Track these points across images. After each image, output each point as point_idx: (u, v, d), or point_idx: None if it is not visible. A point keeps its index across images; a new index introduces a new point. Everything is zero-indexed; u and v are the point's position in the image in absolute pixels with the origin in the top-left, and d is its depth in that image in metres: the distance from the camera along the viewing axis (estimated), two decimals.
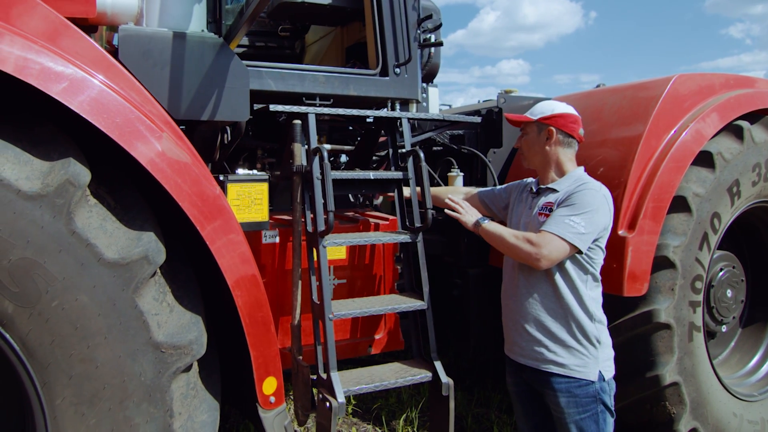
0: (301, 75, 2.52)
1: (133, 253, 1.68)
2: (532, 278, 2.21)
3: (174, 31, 2.01)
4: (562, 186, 2.22)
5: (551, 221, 2.12)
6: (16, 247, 1.53)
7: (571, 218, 2.08)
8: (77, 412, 1.65)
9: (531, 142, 2.31)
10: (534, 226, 2.22)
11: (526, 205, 2.36)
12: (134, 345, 1.69)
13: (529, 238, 2.12)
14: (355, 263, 2.78)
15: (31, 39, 1.53)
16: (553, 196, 2.22)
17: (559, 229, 2.08)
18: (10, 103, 1.68)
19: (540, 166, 2.32)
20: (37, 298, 1.57)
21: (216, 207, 1.79)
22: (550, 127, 2.25)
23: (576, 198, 2.13)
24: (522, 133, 2.38)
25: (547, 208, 2.22)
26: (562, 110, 2.28)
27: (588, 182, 2.21)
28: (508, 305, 2.31)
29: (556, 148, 2.27)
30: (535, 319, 2.19)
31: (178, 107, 2.00)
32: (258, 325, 1.88)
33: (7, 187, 1.51)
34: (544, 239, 2.09)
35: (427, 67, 3.17)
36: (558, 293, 2.16)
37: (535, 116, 2.29)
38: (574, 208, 2.11)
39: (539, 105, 2.35)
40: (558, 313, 2.17)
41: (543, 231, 2.11)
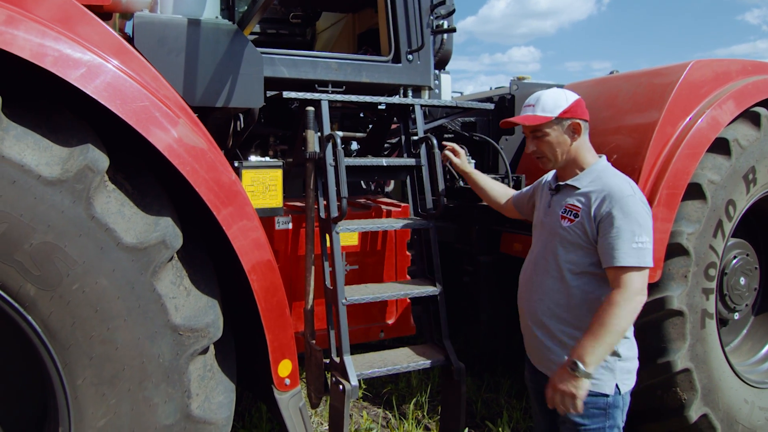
0: (314, 62, 2.52)
1: (150, 238, 1.70)
2: (547, 284, 2.02)
3: (189, 18, 2.02)
4: (583, 182, 1.99)
5: (619, 251, 1.81)
6: (37, 231, 1.56)
7: (637, 240, 1.82)
8: (98, 392, 1.69)
9: (555, 142, 2.01)
10: (554, 228, 2.00)
11: (545, 201, 2.14)
12: (153, 327, 1.73)
13: (613, 300, 1.80)
14: (368, 249, 2.80)
15: (48, 26, 1.54)
16: (576, 196, 1.98)
17: (634, 259, 1.81)
18: (25, 90, 1.70)
19: (565, 163, 2.05)
20: (59, 281, 1.60)
21: (232, 192, 1.81)
22: (575, 120, 1.99)
23: (625, 210, 1.85)
24: (532, 135, 2.06)
25: (571, 212, 1.96)
26: (573, 97, 2.04)
27: (619, 184, 1.92)
28: (522, 309, 2.15)
29: (581, 142, 2.03)
30: (547, 328, 2.01)
31: (193, 94, 2.02)
32: (273, 309, 1.91)
33: (28, 172, 1.54)
34: (628, 281, 1.80)
35: (439, 54, 3.15)
36: (574, 302, 1.95)
37: (552, 113, 1.99)
38: (631, 222, 1.83)
39: (545, 99, 2.03)
40: (573, 322, 1.95)
41: (618, 268, 1.81)
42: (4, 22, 1.49)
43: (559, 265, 1.97)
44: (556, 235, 2.00)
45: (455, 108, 3.06)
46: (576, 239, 1.94)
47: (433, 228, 2.70)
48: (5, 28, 1.48)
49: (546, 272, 2.02)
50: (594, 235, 1.90)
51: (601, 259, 1.88)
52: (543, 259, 2.04)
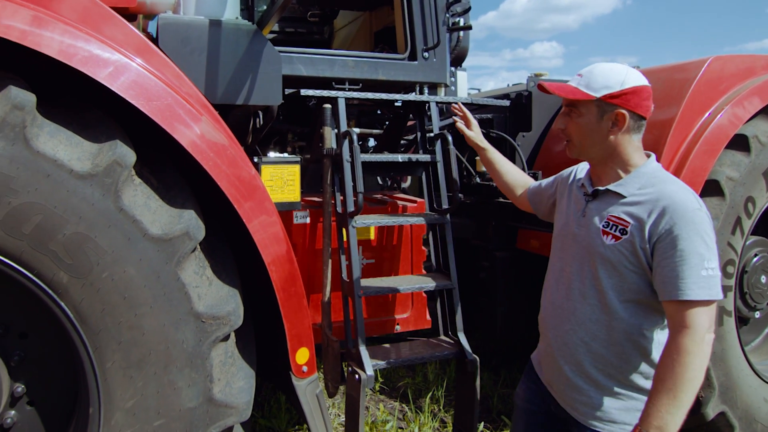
0: (331, 60, 2.61)
1: (175, 229, 1.80)
2: (583, 313, 1.69)
3: (210, 19, 2.12)
4: (631, 188, 1.64)
5: (686, 281, 1.48)
6: (70, 222, 1.67)
7: (707, 266, 1.50)
8: (126, 375, 1.80)
9: (587, 127, 1.66)
10: (592, 245, 1.66)
11: (576, 206, 1.78)
12: (177, 314, 1.83)
13: (683, 346, 1.47)
14: (384, 244, 2.88)
15: (76, 26, 1.65)
16: (622, 206, 1.63)
17: (705, 290, 1.48)
18: (55, 89, 1.82)
19: (599, 159, 1.70)
20: (89, 269, 1.71)
21: (252, 187, 1.91)
22: (620, 109, 1.61)
23: (692, 228, 1.51)
24: (567, 110, 1.71)
25: (617, 227, 1.62)
26: (635, 82, 1.62)
27: (681, 193, 1.57)
28: (548, 338, 1.81)
29: (624, 137, 1.64)
30: (581, 365, 1.70)
31: (214, 92, 2.12)
32: (291, 299, 2.00)
33: (61, 167, 1.65)
34: (696, 319, 1.48)
35: (455, 51, 3.22)
36: (616, 336, 1.64)
37: (596, 92, 1.62)
38: (698, 244, 1.50)
39: (597, 72, 1.65)
40: (613, 361, 1.65)
41: (683, 302, 1.49)
42: (34, 23, 1.60)
43: (600, 291, 1.64)
44: (595, 254, 1.65)
45: (471, 105, 3.12)
46: (622, 261, 1.59)
47: (448, 223, 2.77)
48: (35, 28, 1.59)
49: (582, 298, 1.68)
50: (648, 257, 1.56)
51: (659, 288, 1.54)
52: (579, 282, 1.69)
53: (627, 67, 1.66)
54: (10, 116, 1.59)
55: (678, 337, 1.49)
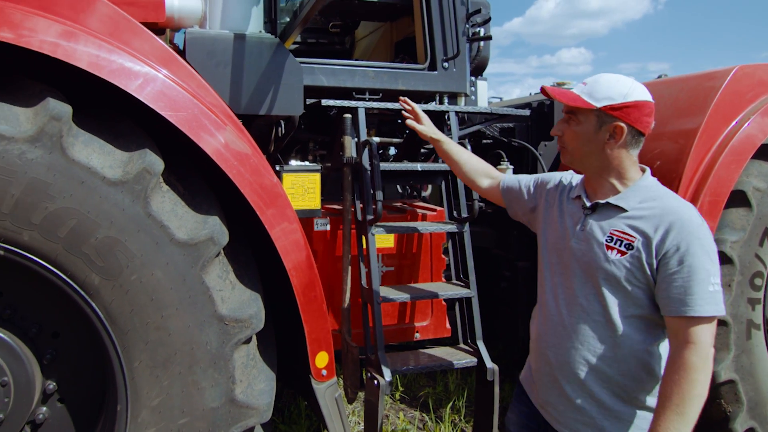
0: (352, 70, 2.70)
1: (200, 235, 1.90)
2: (586, 330, 1.65)
3: (235, 33, 2.24)
4: (631, 202, 1.63)
5: (694, 297, 1.49)
6: (102, 227, 1.79)
7: (711, 281, 1.50)
8: (152, 374, 1.90)
9: (584, 136, 1.65)
10: (595, 260, 1.63)
11: (572, 220, 1.74)
12: (201, 317, 1.92)
13: (689, 362, 1.47)
14: (403, 252, 2.95)
15: (108, 40, 1.78)
16: (625, 220, 1.61)
17: (712, 306, 1.49)
18: (86, 100, 1.94)
19: (594, 171, 1.69)
20: (119, 272, 1.82)
21: (274, 195, 2.00)
22: (618, 122, 1.60)
23: (699, 244, 1.51)
24: (566, 117, 1.71)
25: (621, 241, 1.60)
26: (638, 96, 1.61)
27: (685, 209, 1.58)
28: (546, 358, 1.75)
29: (621, 151, 1.63)
30: (583, 384, 1.66)
31: (238, 102, 2.24)
32: (311, 304, 2.08)
33: (94, 174, 1.77)
34: (702, 335, 1.49)
35: (476, 61, 3.29)
36: (621, 353, 1.61)
37: (598, 102, 1.61)
38: (704, 260, 1.50)
39: (602, 82, 1.64)
40: (618, 380, 1.63)
41: (690, 318, 1.49)
42: (65, 36, 1.73)
43: (605, 307, 1.61)
44: (598, 269, 1.62)
45: (491, 114, 3.18)
46: (628, 276, 1.58)
47: (468, 232, 2.82)
48: (66, 42, 1.72)
49: (585, 315, 1.65)
50: (653, 273, 1.55)
51: (664, 303, 1.54)
52: (582, 298, 1.66)
53: (633, 81, 1.66)
54: (48, 126, 1.72)
55: (684, 353, 1.49)
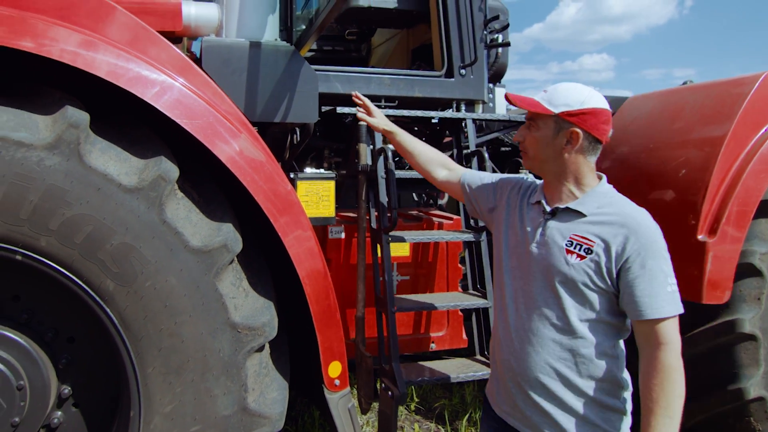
0: (367, 78, 2.72)
1: (214, 242, 1.93)
2: (546, 334, 1.70)
3: (251, 41, 2.28)
4: (590, 207, 1.68)
5: (657, 299, 1.56)
6: (117, 233, 1.82)
7: (669, 282, 1.59)
8: (165, 381, 1.91)
9: (542, 141, 1.72)
10: (554, 264, 1.68)
11: (532, 224, 1.79)
12: (214, 324, 1.94)
13: (667, 363, 1.54)
14: (419, 261, 2.95)
15: (125, 49, 1.82)
16: (584, 225, 1.67)
17: (673, 306, 1.58)
18: (102, 106, 1.98)
19: (553, 176, 1.75)
20: (134, 278, 1.85)
21: (288, 202, 2.02)
22: (575, 128, 1.67)
23: (655, 247, 1.61)
24: (528, 123, 1.78)
25: (581, 245, 1.65)
26: (595, 104, 1.68)
27: (640, 213, 1.66)
28: (508, 364, 1.79)
29: (578, 157, 1.70)
30: (547, 388, 1.70)
31: (253, 110, 2.27)
32: (324, 312, 2.08)
33: (111, 181, 1.81)
34: (671, 334, 1.57)
35: (494, 68, 3.29)
36: (581, 357, 1.66)
37: (555, 108, 1.69)
38: (661, 262, 1.60)
39: (561, 89, 1.73)
40: (579, 382, 1.67)
41: (656, 320, 1.56)
42: (84, 45, 1.77)
43: (563, 311, 1.67)
44: (557, 273, 1.67)
45: (509, 122, 3.17)
46: (586, 280, 1.64)
47: (485, 241, 2.81)
48: (85, 51, 1.76)
49: (544, 319, 1.70)
50: (612, 279, 1.62)
51: (630, 309, 1.60)
52: (541, 303, 1.71)
53: (592, 90, 1.73)
54: (66, 134, 1.76)
55: (659, 354, 1.55)
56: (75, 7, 1.80)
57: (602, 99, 1.71)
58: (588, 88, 1.73)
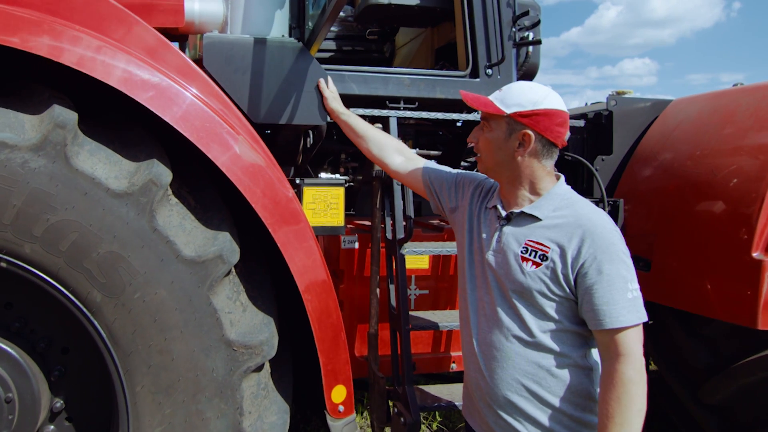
0: (385, 78, 2.57)
1: (208, 252, 1.80)
2: (508, 348, 1.61)
3: (255, 38, 2.16)
4: (545, 210, 1.61)
5: (616, 307, 1.47)
6: (104, 241, 1.71)
7: (629, 288, 1.49)
8: (154, 401, 1.80)
9: (494, 143, 1.65)
10: (510, 272, 1.60)
11: (489, 231, 1.71)
12: (208, 341, 1.81)
13: (625, 375, 1.46)
14: (439, 274, 2.77)
15: (115, 45, 1.72)
16: (540, 230, 1.60)
17: (634, 314, 1.48)
18: (97, 105, 1.89)
19: (507, 180, 1.68)
20: (122, 289, 1.74)
21: (289, 210, 1.88)
22: (526, 129, 1.59)
23: (612, 251, 1.51)
24: (482, 123, 1.71)
25: (536, 252, 1.57)
26: (548, 105, 1.60)
27: (596, 215, 1.58)
28: (475, 380, 1.71)
29: (532, 161, 1.62)
30: (515, 406, 1.61)
31: (257, 111, 2.14)
32: (328, 332, 1.93)
33: (98, 185, 1.70)
34: (632, 345, 1.47)
35: (524, 68, 3.09)
36: (545, 370, 1.58)
37: (507, 108, 1.61)
38: (620, 266, 1.50)
39: (515, 88, 1.65)
40: (546, 398, 1.59)
41: (616, 330, 1.47)
42: (71, 41, 1.68)
43: (524, 322, 1.59)
44: (513, 282, 1.60)
45: None
46: (543, 289, 1.55)
47: None
48: (71, 46, 1.66)
49: (506, 331, 1.61)
50: (570, 285, 1.53)
51: (588, 317, 1.51)
52: (503, 314, 1.62)
53: (548, 90, 1.65)
54: (52, 135, 1.67)
55: (618, 366, 1.47)
56: (64, 1, 1.71)
57: (558, 100, 1.63)
58: (545, 88, 1.66)
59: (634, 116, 3.31)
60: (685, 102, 3.30)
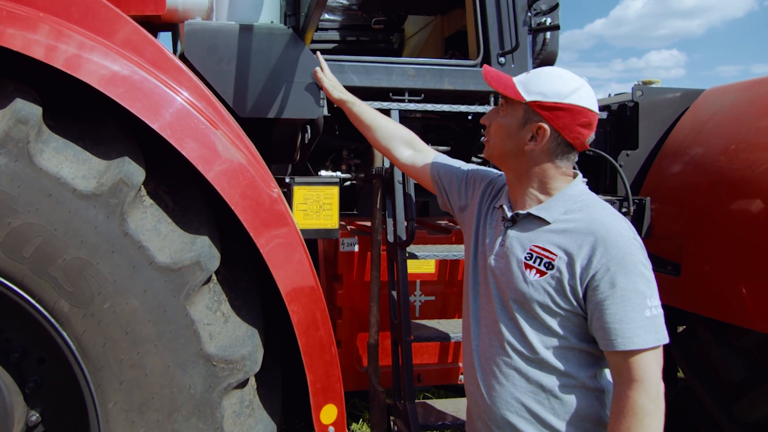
0: (388, 68, 2.40)
1: (185, 258, 1.66)
2: (507, 363, 1.46)
3: (241, 24, 2.00)
4: (555, 213, 1.44)
5: (630, 326, 1.31)
6: (71, 246, 1.58)
7: (648, 304, 1.32)
8: (127, 419, 1.67)
9: (506, 129, 1.49)
10: (512, 280, 1.45)
11: (494, 233, 1.56)
12: (184, 355, 1.68)
13: (637, 405, 1.30)
14: (447, 279, 2.59)
15: (84, 34, 1.58)
16: (547, 234, 1.43)
17: (652, 335, 1.31)
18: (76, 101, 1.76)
19: (513, 174, 1.53)
20: (90, 298, 1.61)
21: (273, 213, 1.72)
22: (543, 123, 1.43)
23: (629, 263, 1.33)
24: (500, 105, 1.55)
25: (541, 259, 1.41)
26: (575, 100, 1.42)
27: (613, 221, 1.40)
28: (473, 396, 1.58)
29: (542, 157, 1.46)
30: (514, 427, 1.47)
31: (243, 105, 1.99)
32: (316, 346, 1.77)
33: (63, 185, 1.57)
34: (647, 370, 1.31)
35: (541, 56, 2.87)
36: (548, 391, 1.43)
37: (528, 94, 1.45)
38: (637, 281, 1.33)
39: (542, 74, 1.49)
40: (550, 421, 1.44)
41: (629, 352, 1.32)
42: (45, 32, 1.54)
43: (525, 337, 1.43)
44: (515, 290, 1.44)
45: None
46: (547, 300, 1.39)
47: None
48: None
49: (507, 345, 1.46)
50: (578, 298, 1.37)
51: (600, 336, 1.35)
52: (504, 326, 1.47)
53: (581, 84, 1.45)
54: (13, 131, 1.54)
55: (630, 393, 1.31)
56: None
57: (590, 97, 1.45)
58: (578, 80, 1.47)
59: (662, 108, 3.08)
60: (719, 92, 3.04)
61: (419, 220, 2.80)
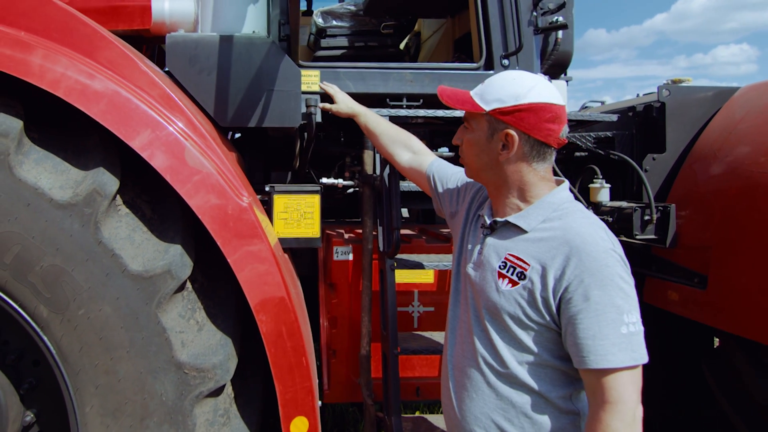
0: (384, 74, 2.37)
1: (156, 266, 1.70)
2: (478, 378, 1.42)
3: (221, 35, 2.03)
4: (533, 221, 1.39)
5: (603, 343, 1.24)
6: (47, 254, 1.66)
7: (624, 321, 1.24)
8: (102, 423, 1.73)
9: (476, 145, 1.45)
10: (486, 290, 1.41)
11: (474, 240, 1.53)
12: (156, 362, 1.72)
13: (611, 428, 1.23)
14: (446, 289, 2.51)
15: (56, 47, 1.64)
16: (523, 244, 1.38)
17: (627, 354, 1.23)
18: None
19: (493, 186, 1.48)
20: (66, 305, 1.68)
21: (242, 221, 1.74)
22: (509, 129, 1.38)
23: (604, 275, 1.26)
24: (464, 123, 1.52)
25: (514, 268, 1.36)
26: (533, 98, 1.37)
27: (583, 223, 1.34)
28: (446, 407, 1.54)
29: (520, 165, 1.41)
30: None
31: (224, 114, 2.02)
32: (286, 356, 1.77)
33: (41, 195, 1.65)
34: (621, 391, 1.24)
35: (553, 57, 2.75)
36: (519, 408, 1.37)
37: (487, 104, 1.41)
38: (613, 294, 1.25)
39: (497, 80, 1.44)
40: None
41: (602, 371, 1.24)
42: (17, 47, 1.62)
43: (495, 349, 1.38)
44: (487, 300, 1.40)
45: (569, 122, 2.62)
46: (518, 313, 1.34)
47: None
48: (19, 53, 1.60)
49: (479, 358, 1.41)
50: (551, 312, 1.31)
51: (573, 353, 1.29)
52: (477, 338, 1.43)
53: (536, 80, 1.42)
54: None
55: (603, 416, 1.24)
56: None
57: (549, 91, 1.40)
58: (533, 77, 1.43)
59: (691, 108, 2.87)
60: (755, 89, 2.81)
61: (421, 228, 2.74)
